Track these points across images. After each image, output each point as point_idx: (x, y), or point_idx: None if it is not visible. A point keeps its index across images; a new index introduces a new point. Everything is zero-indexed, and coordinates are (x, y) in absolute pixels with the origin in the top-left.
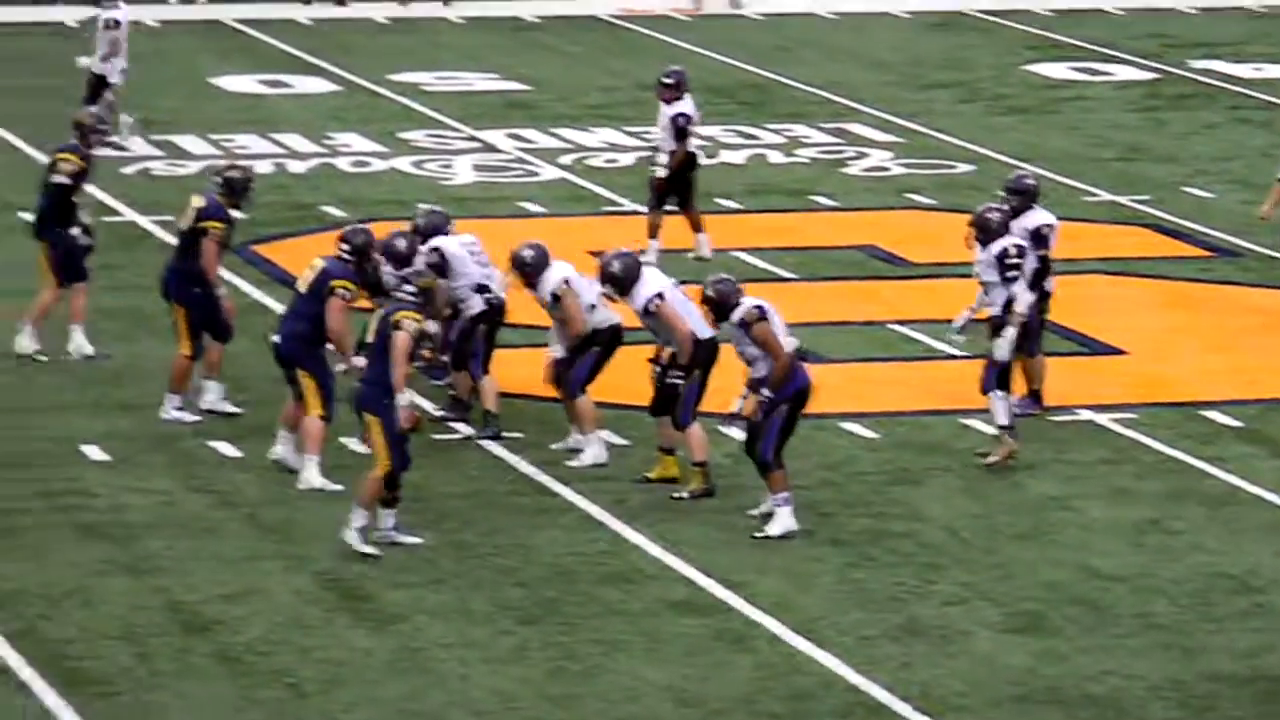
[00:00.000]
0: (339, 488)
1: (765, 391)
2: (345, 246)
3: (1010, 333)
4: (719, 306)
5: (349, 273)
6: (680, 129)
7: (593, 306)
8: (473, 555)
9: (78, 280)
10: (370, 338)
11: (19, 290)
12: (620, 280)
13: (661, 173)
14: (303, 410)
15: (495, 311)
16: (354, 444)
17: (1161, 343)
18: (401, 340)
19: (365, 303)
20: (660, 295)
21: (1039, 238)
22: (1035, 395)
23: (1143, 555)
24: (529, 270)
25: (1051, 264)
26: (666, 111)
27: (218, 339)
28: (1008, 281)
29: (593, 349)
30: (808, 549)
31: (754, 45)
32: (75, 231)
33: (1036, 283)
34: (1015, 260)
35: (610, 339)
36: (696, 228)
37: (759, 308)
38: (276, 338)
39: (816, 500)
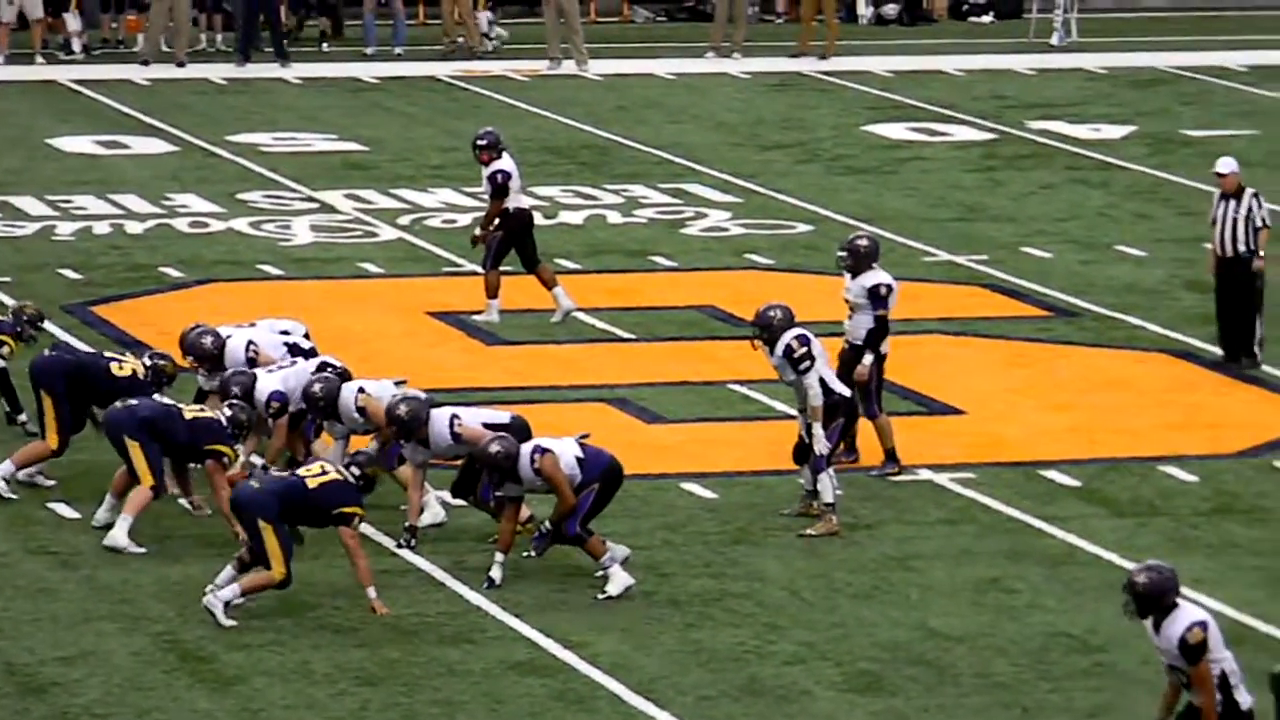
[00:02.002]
0: (141, 551)
1: (547, 524)
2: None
3: (817, 429)
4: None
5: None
6: (499, 185)
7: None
8: (312, 616)
9: None
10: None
11: None
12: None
13: (478, 232)
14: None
15: None
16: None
17: (1000, 402)
18: (350, 537)
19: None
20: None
21: (876, 297)
22: (890, 454)
23: (982, 615)
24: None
25: (889, 325)
26: (485, 172)
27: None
28: (800, 374)
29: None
30: (648, 609)
31: (593, 106)
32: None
33: (874, 343)
34: (801, 352)
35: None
36: (549, 284)
37: (542, 449)
38: None
39: (656, 561)
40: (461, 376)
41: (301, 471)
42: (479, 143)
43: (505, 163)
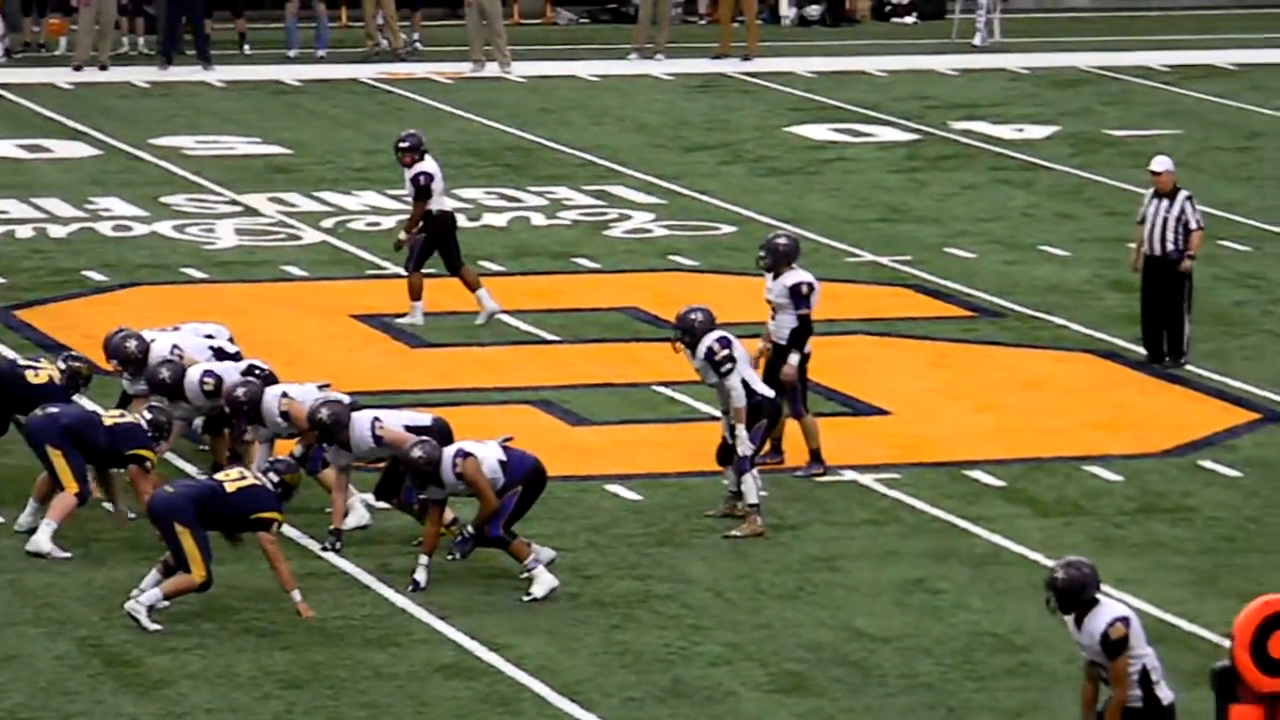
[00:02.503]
0: (66, 556)
1: (469, 528)
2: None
3: (741, 430)
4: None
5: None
6: (422, 188)
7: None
8: (237, 619)
9: None
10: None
11: None
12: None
13: (402, 235)
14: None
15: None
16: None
17: (925, 403)
18: (269, 542)
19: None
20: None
21: (798, 295)
22: (815, 455)
23: (907, 615)
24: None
25: (812, 324)
26: (408, 175)
27: None
28: (723, 376)
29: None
30: (572, 611)
31: (516, 108)
32: None
33: (798, 342)
34: (722, 354)
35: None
36: (473, 286)
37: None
38: None
39: (581, 562)
40: (386, 379)
41: (220, 476)
42: (401, 145)
43: (428, 165)
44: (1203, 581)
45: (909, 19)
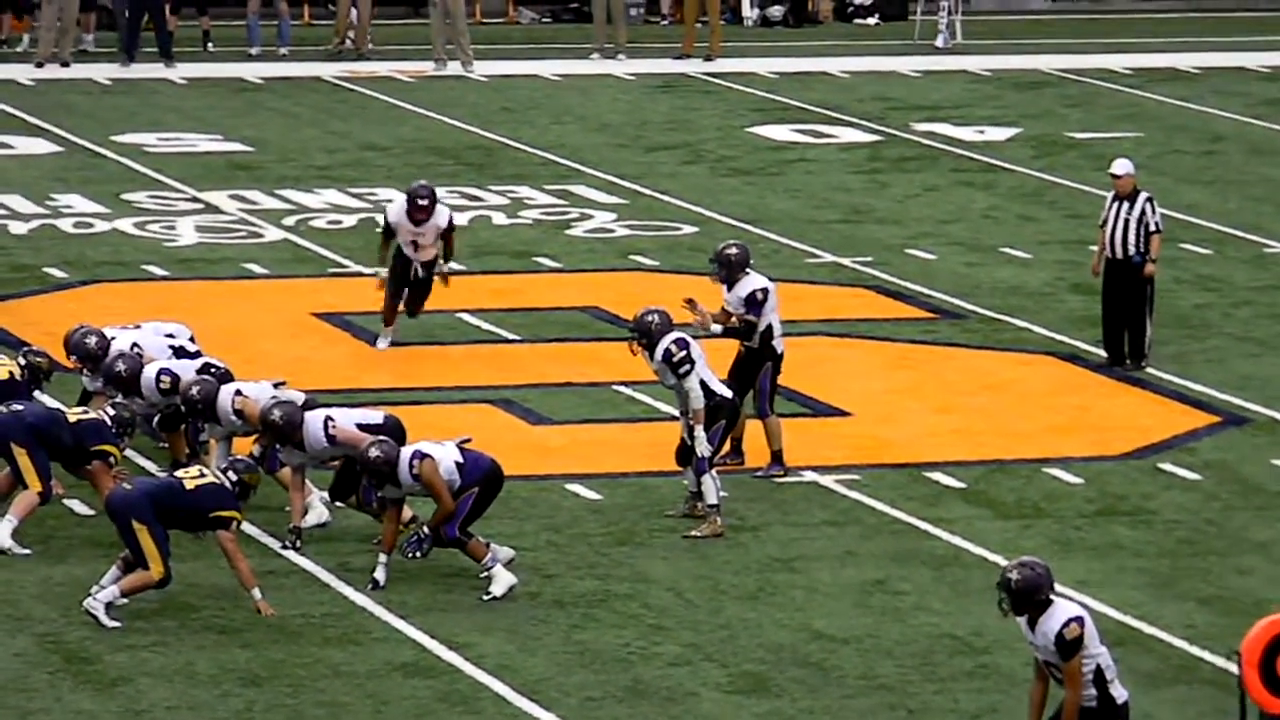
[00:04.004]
0: (26, 552)
1: (425, 528)
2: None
3: (699, 431)
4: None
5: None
6: (451, 227)
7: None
8: (196, 617)
9: None
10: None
11: None
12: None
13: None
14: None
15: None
16: (77, 505)
17: (885, 404)
18: (228, 541)
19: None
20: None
21: (753, 303)
22: (777, 456)
23: (868, 616)
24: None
25: (772, 326)
26: (428, 222)
27: None
28: (681, 378)
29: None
30: (532, 610)
31: (478, 107)
32: None
33: (736, 335)
34: (680, 356)
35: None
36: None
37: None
38: None
39: (541, 562)
40: (346, 378)
41: (179, 473)
42: (420, 202)
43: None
44: (1162, 584)
45: (871, 20)
